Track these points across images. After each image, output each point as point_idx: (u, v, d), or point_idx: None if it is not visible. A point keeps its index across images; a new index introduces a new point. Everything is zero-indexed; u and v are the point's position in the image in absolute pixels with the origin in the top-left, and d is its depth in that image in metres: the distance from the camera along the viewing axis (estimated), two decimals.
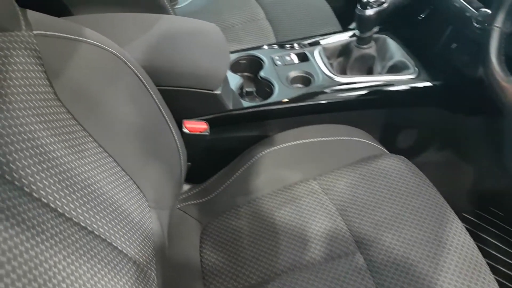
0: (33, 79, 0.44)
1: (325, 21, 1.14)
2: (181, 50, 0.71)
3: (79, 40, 0.51)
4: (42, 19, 0.49)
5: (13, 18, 0.44)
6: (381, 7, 0.79)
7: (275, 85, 0.85)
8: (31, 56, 0.45)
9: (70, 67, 0.50)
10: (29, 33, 0.45)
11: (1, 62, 0.40)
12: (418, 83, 0.86)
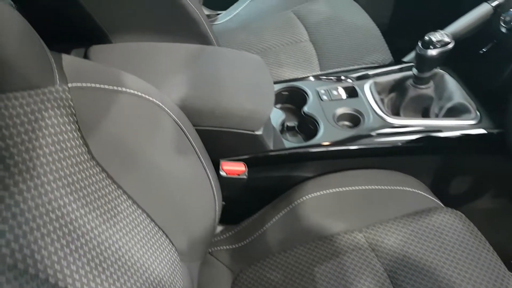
0: (66, 142, 0.40)
1: (374, 48, 1.06)
2: (224, 90, 0.66)
3: (118, 90, 0.46)
4: (79, 68, 0.44)
5: (46, 72, 0.40)
6: (445, 48, 0.71)
7: (320, 124, 0.78)
8: (65, 114, 0.40)
9: (107, 121, 0.45)
10: (63, 87, 0.41)
11: (30, 129, 0.36)
12: (480, 130, 0.77)
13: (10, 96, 0.35)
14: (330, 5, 1.22)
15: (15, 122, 0.34)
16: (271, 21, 1.22)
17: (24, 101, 0.36)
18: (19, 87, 0.36)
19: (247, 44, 1.16)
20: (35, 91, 0.37)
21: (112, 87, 0.46)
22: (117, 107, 0.46)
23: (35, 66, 0.38)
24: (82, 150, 0.42)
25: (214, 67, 0.69)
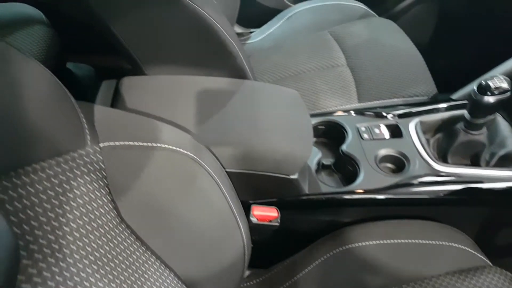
0: (95, 211, 0.36)
1: (417, 78, 1.00)
2: (259, 131, 0.62)
3: (152, 147, 0.43)
4: (112, 124, 0.41)
5: (77, 135, 0.36)
6: (504, 96, 0.65)
7: (360, 166, 0.73)
8: (95, 180, 0.37)
9: (139, 180, 0.42)
10: (94, 149, 0.37)
11: (57, 204, 0.32)
12: None
13: (37, 168, 0.31)
14: (370, 27, 1.16)
15: (41, 198, 0.31)
16: (307, 42, 1.17)
17: (52, 172, 0.32)
18: (47, 156, 0.33)
19: (281, 66, 1.12)
20: (63, 157, 0.34)
21: (146, 144, 0.42)
22: (150, 164, 0.43)
23: (65, 129, 0.35)
24: (112, 215, 0.39)
25: (249, 105, 0.65)
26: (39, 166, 0.32)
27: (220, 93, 0.66)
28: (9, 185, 0.28)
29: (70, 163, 0.34)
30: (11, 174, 0.29)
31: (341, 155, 0.76)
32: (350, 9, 1.23)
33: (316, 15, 1.25)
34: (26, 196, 0.30)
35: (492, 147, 0.78)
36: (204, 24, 0.62)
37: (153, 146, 0.43)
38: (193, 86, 0.66)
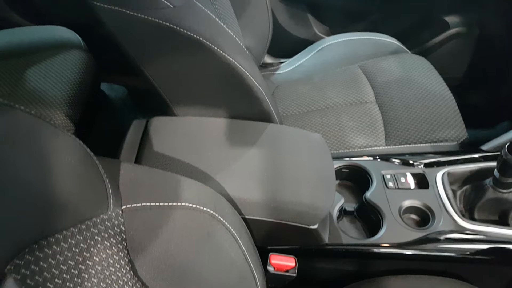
0: (112, 275, 0.37)
1: (448, 121, 0.97)
2: (281, 180, 0.62)
3: (172, 206, 0.43)
4: (136, 185, 0.42)
5: (101, 201, 0.37)
6: None
7: (383, 217, 0.71)
8: (114, 244, 0.38)
9: (157, 239, 0.42)
10: (116, 212, 0.38)
11: (76, 273, 0.33)
12: None
13: (59, 238, 0.32)
14: (401, 64, 1.15)
15: (62, 269, 0.32)
16: (336, 76, 1.16)
17: (73, 241, 0.34)
18: (70, 225, 0.34)
19: (308, 98, 1.12)
20: (86, 224, 0.35)
21: (166, 203, 0.43)
22: (168, 223, 0.44)
23: (89, 197, 0.36)
24: (129, 277, 0.39)
25: (273, 150, 0.65)
26: (62, 235, 0.33)
27: (246, 138, 0.66)
28: (31, 258, 0.29)
29: (92, 229, 0.36)
30: (33, 247, 0.30)
31: (364, 203, 0.75)
32: (382, 44, 1.22)
33: (348, 49, 1.24)
34: (47, 269, 0.31)
35: None
36: (233, 72, 0.63)
37: (172, 205, 0.44)
38: (220, 129, 0.67)
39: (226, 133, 0.66)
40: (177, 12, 0.56)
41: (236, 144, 0.65)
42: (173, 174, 0.47)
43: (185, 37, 0.57)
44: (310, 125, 1.04)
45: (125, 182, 0.41)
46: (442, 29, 1.36)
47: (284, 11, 1.34)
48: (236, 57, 0.62)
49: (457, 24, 1.35)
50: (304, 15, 1.36)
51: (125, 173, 0.42)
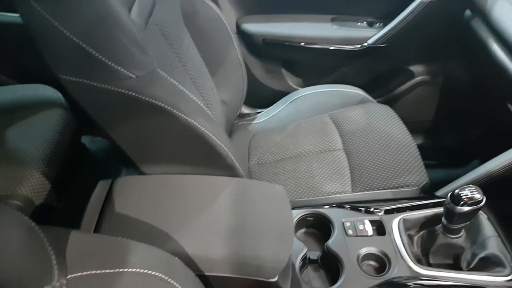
0: None
1: (409, 167, 1.03)
2: (240, 235, 0.66)
3: (119, 272, 0.47)
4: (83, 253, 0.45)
5: (44, 275, 0.41)
6: (476, 206, 0.68)
7: (343, 265, 0.75)
8: None
9: None
10: (61, 282, 0.42)
11: None
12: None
13: None
14: (367, 113, 1.22)
15: None
16: (308, 125, 1.23)
17: None
18: None
19: (282, 147, 1.18)
20: None
21: (113, 270, 0.46)
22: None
23: (33, 271, 0.39)
24: None
25: (233, 205, 0.70)
26: None
27: (209, 193, 0.71)
28: None
29: None
30: None
31: (326, 251, 0.79)
32: (350, 94, 1.31)
33: (319, 99, 1.32)
34: None
35: (474, 248, 0.79)
36: (195, 133, 0.69)
37: (119, 272, 0.46)
38: (185, 186, 0.72)
39: (189, 190, 0.71)
40: (140, 81, 0.63)
41: (199, 200, 0.70)
42: (123, 240, 0.50)
43: (148, 104, 0.63)
44: (283, 172, 1.10)
45: (72, 251, 0.44)
46: (407, 78, 1.46)
47: (259, 67, 1.43)
48: (197, 119, 0.68)
49: (422, 73, 1.45)
50: (279, 70, 1.45)
51: (73, 241, 0.45)
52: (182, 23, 0.97)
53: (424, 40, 1.34)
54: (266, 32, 1.31)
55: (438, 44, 1.35)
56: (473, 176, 0.87)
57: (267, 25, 1.32)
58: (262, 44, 1.33)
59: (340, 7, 1.34)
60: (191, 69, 0.94)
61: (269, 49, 1.35)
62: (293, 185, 1.06)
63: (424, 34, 1.30)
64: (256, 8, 1.34)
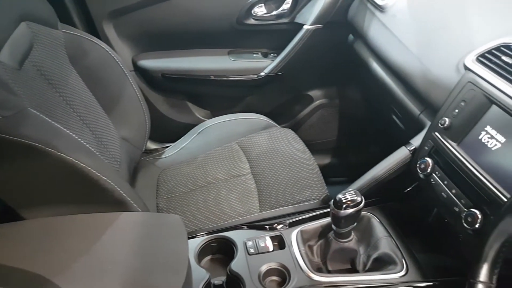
0: None
1: (310, 183, 1.09)
2: (129, 270, 0.63)
3: None
4: None
5: None
6: (358, 208, 0.72)
7: (244, 284, 0.75)
8: None
9: None
10: None
11: None
12: (406, 284, 0.75)
13: None
14: (271, 137, 1.27)
15: None
16: (217, 154, 1.25)
17: None
18: None
19: (192, 177, 1.18)
20: None
21: None
22: None
23: None
24: None
25: (123, 241, 0.67)
26: None
27: (94, 232, 0.68)
28: None
29: None
30: None
31: (229, 274, 0.78)
32: (255, 122, 1.36)
33: (227, 128, 1.36)
34: None
35: (368, 250, 0.84)
36: (73, 169, 0.67)
37: None
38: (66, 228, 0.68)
39: (73, 231, 0.67)
40: (7, 121, 0.60)
41: (83, 240, 0.66)
42: None
43: (17, 144, 0.61)
44: (193, 203, 1.09)
45: None
46: (308, 103, 1.55)
47: (164, 102, 1.45)
48: (74, 155, 0.66)
49: (320, 96, 1.56)
50: (184, 103, 1.47)
51: None
52: (67, 63, 0.96)
53: (317, 65, 1.45)
54: (164, 67, 1.34)
55: (330, 68, 1.47)
56: (361, 183, 0.93)
57: (164, 60, 1.36)
58: (162, 79, 1.35)
59: (235, 40, 1.41)
60: (79, 107, 0.92)
61: (170, 84, 1.37)
62: (203, 214, 1.05)
63: (315, 59, 1.41)
64: (152, 45, 1.37)
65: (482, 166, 0.71)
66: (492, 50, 0.78)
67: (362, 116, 1.56)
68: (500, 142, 0.70)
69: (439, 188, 0.78)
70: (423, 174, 0.83)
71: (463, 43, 0.87)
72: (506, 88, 0.71)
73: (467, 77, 0.80)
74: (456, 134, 0.78)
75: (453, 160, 0.76)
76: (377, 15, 1.18)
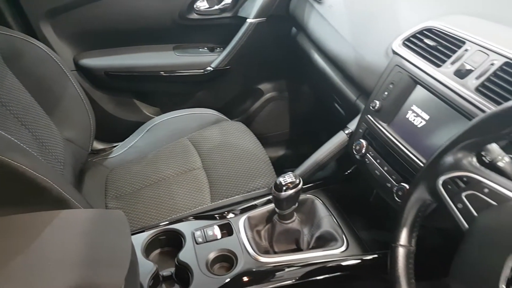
0: None
1: (260, 172, 1.11)
2: (72, 268, 0.62)
3: None
4: None
5: None
6: (297, 188, 0.76)
7: (192, 272, 0.76)
8: None
9: None
10: None
11: None
12: (347, 259, 0.79)
13: None
14: (222, 130, 1.29)
15: None
16: (167, 150, 1.25)
17: None
18: None
19: (142, 175, 1.17)
20: None
21: None
22: None
23: None
24: None
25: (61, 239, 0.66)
26: None
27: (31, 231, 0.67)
28: None
29: None
30: None
31: (177, 265, 0.79)
32: (206, 116, 1.37)
33: (177, 124, 1.36)
34: None
35: (312, 230, 0.87)
36: (8, 169, 0.65)
37: None
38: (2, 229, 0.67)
39: (10, 231, 0.66)
40: None
41: (21, 240, 0.65)
42: None
43: None
44: (143, 200, 1.08)
45: None
46: (258, 97, 1.58)
47: (109, 101, 1.42)
48: (8, 154, 0.65)
49: (270, 90, 1.59)
50: (131, 101, 1.46)
51: None
52: (2, 65, 0.93)
53: (264, 59, 1.48)
54: (107, 65, 1.32)
55: (277, 61, 1.50)
56: (303, 168, 0.97)
57: (107, 58, 1.33)
58: (105, 77, 1.32)
59: (180, 36, 1.41)
60: (16, 109, 0.89)
61: (114, 82, 1.35)
62: (154, 210, 1.05)
63: (261, 53, 1.44)
64: (94, 43, 1.35)
65: (409, 142, 0.77)
66: (416, 34, 0.84)
67: (310, 107, 1.61)
68: (425, 119, 0.76)
69: (373, 167, 0.83)
70: (359, 155, 0.87)
71: (392, 30, 0.92)
72: (428, 68, 0.76)
73: (394, 60, 0.85)
74: (386, 115, 0.83)
75: (384, 140, 0.81)
76: (315, 7, 1.22)
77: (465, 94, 0.68)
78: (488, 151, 0.53)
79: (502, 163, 0.52)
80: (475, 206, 0.47)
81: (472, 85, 0.68)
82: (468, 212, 0.47)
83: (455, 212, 0.49)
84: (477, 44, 0.72)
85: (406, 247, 0.54)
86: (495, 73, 0.66)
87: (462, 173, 0.49)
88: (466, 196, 0.48)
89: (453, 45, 0.76)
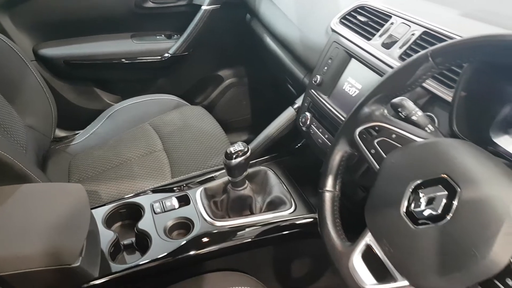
0: None
1: (219, 151, 1.17)
2: (35, 233, 0.67)
3: None
4: None
5: None
6: (245, 156, 0.82)
7: (151, 238, 0.82)
8: None
9: None
10: None
11: None
12: (295, 219, 0.87)
13: None
14: (182, 115, 1.34)
15: None
16: (129, 135, 1.29)
17: None
18: None
19: (104, 159, 1.20)
20: None
21: None
22: None
23: None
24: None
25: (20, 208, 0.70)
26: None
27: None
28: None
29: None
30: None
31: (136, 233, 0.84)
32: (166, 102, 1.41)
33: (138, 110, 1.39)
34: None
35: (264, 197, 0.94)
36: None
37: None
38: None
39: None
40: None
41: None
42: None
43: None
44: (105, 181, 1.12)
45: None
46: (219, 83, 1.64)
47: (70, 90, 1.44)
48: None
49: (229, 76, 1.65)
50: (91, 89, 1.48)
51: None
52: None
53: (221, 45, 1.53)
54: (66, 54, 1.34)
55: (234, 47, 1.56)
56: (256, 143, 1.04)
57: (66, 47, 1.36)
58: (65, 66, 1.35)
59: (137, 24, 1.45)
60: None
61: (74, 71, 1.38)
62: (115, 189, 1.09)
63: (218, 39, 1.49)
64: (53, 34, 1.36)
65: (345, 111, 0.85)
66: (351, 12, 0.92)
67: (268, 91, 1.68)
68: (358, 89, 0.84)
69: (316, 136, 0.90)
70: (305, 126, 0.95)
71: (332, 9, 0.99)
72: (361, 42, 0.85)
73: (333, 37, 0.92)
74: (326, 88, 0.91)
75: (325, 111, 0.89)
76: None
77: (390, 62, 0.76)
78: (404, 107, 0.61)
79: (416, 116, 0.60)
80: (385, 150, 0.55)
81: (396, 53, 0.76)
82: (379, 155, 0.55)
83: (369, 157, 0.56)
84: (401, 18, 0.80)
85: (331, 192, 0.62)
86: (415, 41, 0.74)
87: (375, 123, 0.57)
88: (377, 142, 0.56)
89: (382, 19, 0.84)
